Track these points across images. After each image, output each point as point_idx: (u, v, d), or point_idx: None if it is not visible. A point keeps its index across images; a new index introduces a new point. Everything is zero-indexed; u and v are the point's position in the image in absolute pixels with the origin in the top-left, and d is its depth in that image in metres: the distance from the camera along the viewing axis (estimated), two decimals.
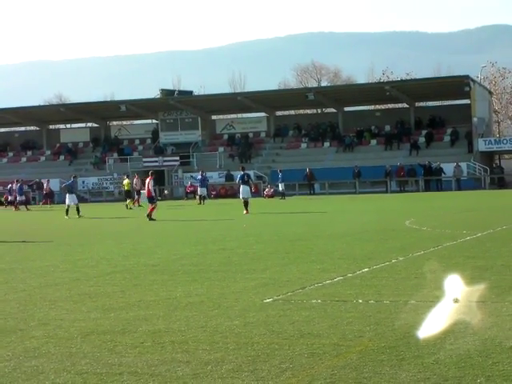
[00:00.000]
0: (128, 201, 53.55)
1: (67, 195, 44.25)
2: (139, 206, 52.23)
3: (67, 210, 42.27)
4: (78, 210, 42.73)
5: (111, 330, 10.71)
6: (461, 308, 11.20)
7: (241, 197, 40.13)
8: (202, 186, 56.72)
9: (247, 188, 40.35)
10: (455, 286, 10.33)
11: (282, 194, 59.71)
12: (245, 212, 38.22)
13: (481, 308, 11.15)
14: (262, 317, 11.17)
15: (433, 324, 10.16)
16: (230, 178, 69.16)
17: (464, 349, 8.82)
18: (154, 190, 54.92)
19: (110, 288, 14.68)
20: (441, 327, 9.93)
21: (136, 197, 55.21)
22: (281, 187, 60.81)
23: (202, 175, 57.69)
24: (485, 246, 19.40)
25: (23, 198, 59.70)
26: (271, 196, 62.89)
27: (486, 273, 14.65)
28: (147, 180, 38.89)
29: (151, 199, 37.63)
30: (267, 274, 15.60)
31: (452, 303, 11.03)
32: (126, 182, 56.50)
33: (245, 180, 40.65)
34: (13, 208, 58.70)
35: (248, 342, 9.60)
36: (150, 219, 36.16)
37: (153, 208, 36.92)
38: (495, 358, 8.32)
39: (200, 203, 54.39)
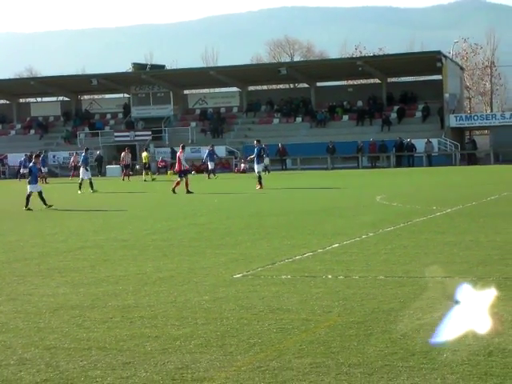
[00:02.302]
0: (144, 173, 54.97)
1: (81, 169, 42.59)
2: (128, 179, 52.98)
3: (91, 184, 40.71)
4: (91, 184, 40.78)
5: (80, 305, 10.70)
6: (429, 284, 11.29)
7: (256, 171, 39.26)
8: (210, 160, 56.16)
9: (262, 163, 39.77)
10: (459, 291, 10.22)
11: (265, 169, 59.38)
12: (259, 187, 37.29)
13: (448, 283, 11.24)
14: (232, 292, 11.20)
15: (402, 301, 10.24)
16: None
17: (431, 324, 8.88)
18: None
19: (80, 263, 14.65)
20: (409, 304, 10.01)
21: (125, 171, 55.38)
22: (266, 162, 60.38)
23: (210, 150, 57.12)
24: (454, 221, 19.54)
25: (46, 170, 58.96)
26: (243, 171, 62.75)
27: (454, 248, 14.76)
28: (178, 153, 38.21)
29: (181, 173, 37.08)
30: (237, 250, 15.63)
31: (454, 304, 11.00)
32: (144, 154, 57.91)
33: (261, 154, 39.99)
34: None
35: (217, 318, 9.63)
36: (174, 192, 35.97)
37: (178, 182, 36.45)
38: (461, 333, 8.38)
39: (209, 177, 53.86)
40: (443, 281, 11.48)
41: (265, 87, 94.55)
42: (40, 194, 29.75)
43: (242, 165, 64.13)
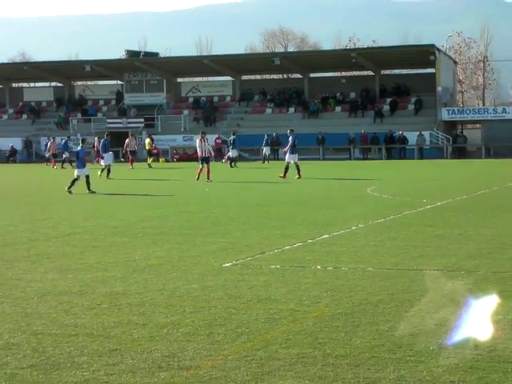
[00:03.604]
0: (149, 159, 55.77)
1: (104, 155, 41.53)
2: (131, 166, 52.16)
3: (108, 170, 39.62)
4: (108, 170, 39.73)
5: (68, 291, 10.68)
6: (417, 276, 11.31)
7: (292, 161, 37.95)
8: (233, 148, 55.22)
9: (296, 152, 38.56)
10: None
11: (265, 158, 59.09)
12: (297, 176, 36.58)
13: (438, 276, 11.26)
14: (220, 281, 11.20)
15: (391, 293, 10.25)
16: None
17: (418, 316, 8.91)
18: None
19: (69, 249, 14.62)
20: (397, 296, 10.03)
21: (131, 157, 54.14)
22: (265, 151, 60.01)
23: (233, 137, 55.72)
24: (444, 215, 19.55)
25: (67, 154, 58.05)
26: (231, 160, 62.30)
27: (443, 241, 14.78)
28: (197, 140, 37.24)
29: (201, 160, 36.11)
30: (227, 239, 15.62)
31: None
32: (147, 141, 58.87)
33: (295, 144, 38.56)
34: (50, 165, 56.94)
35: (205, 306, 9.63)
36: (198, 179, 35.45)
37: (201, 169, 35.75)
38: (448, 326, 8.41)
39: (231, 166, 52.58)
40: (432, 273, 11.49)
41: (258, 77, 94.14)
42: (87, 178, 29.56)
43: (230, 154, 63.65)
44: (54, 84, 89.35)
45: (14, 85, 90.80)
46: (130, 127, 72.67)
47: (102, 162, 41.23)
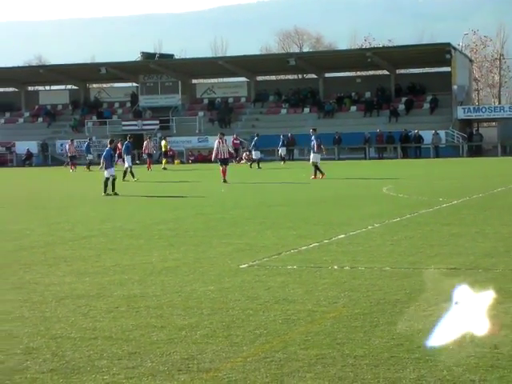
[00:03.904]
0: (164, 162, 55.91)
1: (125, 157, 41.53)
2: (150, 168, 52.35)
3: (125, 173, 39.49)
4: (132, 173, 39.61)
5: (86, 294, 10.69)
6: (434, 276, 11.27)
7: (311, 161, 38.01)
8: (256, 150, 54.77)
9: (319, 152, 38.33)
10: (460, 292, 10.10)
11: (283, 159, 59.01)
12: (313, 177, 36.62)
13: (455, 275, 11.22)
14: (238, 282, 11.19)
15: (408, 292, 10.22)
16: None
17: (437, 315, 8.87)
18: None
19: (86, 252, 14.65)
20: (415, 295, 10.00)
21: (149, 160, 54.13)
22: (281, 152, 59.89)
23: (256, 138, 55.29)
24: (460, 213, 19.49)
25: (91, 157, 58.09)
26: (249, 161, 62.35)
27: (460, 240, 14.73)
28: (216, 142, 37.19)
29: (221, 161, 36.15)
30: (243, 240, 15.61)
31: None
32: (163, 143, 59.43)
33: (318, 143, 38.44)
34: (69, 168, 57.14)
35: (223, 308, 9.62)
36: (225, 182, 35.29)
37: (222, 170, 35.80)
38: (467, 325, 8.36)
39: (251, 167, 52.31)
40: (449, 272, 11.46)
41: (273, 77, 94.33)
42: (114, 179, 29.73)
43: (244, 154, 63.67)
44: (69, 87, 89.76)
45: (30, 88, 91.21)
46: (145, 129, 72.95)
47: (126, 164, 41.11)
